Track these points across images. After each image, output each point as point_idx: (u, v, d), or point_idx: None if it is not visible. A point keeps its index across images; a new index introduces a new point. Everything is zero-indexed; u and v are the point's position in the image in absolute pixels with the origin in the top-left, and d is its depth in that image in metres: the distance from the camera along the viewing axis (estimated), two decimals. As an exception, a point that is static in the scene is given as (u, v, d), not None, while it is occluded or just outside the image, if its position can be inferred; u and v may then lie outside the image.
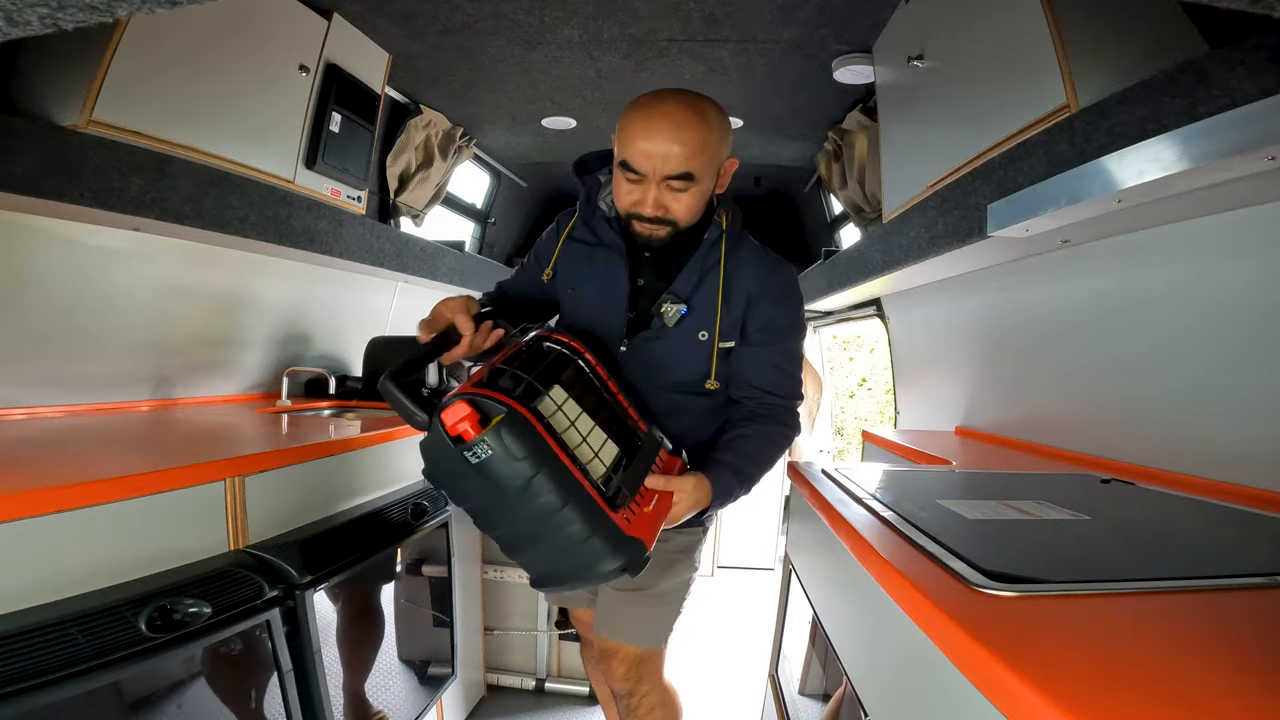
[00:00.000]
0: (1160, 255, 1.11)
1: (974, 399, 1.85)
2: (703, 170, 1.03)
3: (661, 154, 1.00)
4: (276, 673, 1.07)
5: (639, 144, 1.01)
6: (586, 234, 1.21)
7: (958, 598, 0.55)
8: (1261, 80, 0.76)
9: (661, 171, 1.01)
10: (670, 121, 0.99)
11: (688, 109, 1.00)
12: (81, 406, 1.51)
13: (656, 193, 1.03)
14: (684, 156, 1.00)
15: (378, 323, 2.63)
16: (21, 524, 0.80)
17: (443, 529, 1.69)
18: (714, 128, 1.03)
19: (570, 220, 1.25)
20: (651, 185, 1.03)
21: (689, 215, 1.07)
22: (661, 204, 1.04)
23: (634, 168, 1.02)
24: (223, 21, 1.55)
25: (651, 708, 1.32)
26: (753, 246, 1.19)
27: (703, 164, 1.02)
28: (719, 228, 1.15)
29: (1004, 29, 1.30)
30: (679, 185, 1.03)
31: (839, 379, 5.93)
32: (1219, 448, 1.02)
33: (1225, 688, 0.41)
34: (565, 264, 1.24)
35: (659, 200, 1.04)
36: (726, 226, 1.16)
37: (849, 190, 2.57)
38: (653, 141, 1.00)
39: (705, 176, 1.04)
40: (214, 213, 1.49)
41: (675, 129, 0.99)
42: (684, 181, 1.02)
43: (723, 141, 1.05)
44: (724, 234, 1.15)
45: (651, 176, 1.02)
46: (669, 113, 1.00)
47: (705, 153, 1.02)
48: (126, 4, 0.57)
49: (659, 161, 1.00)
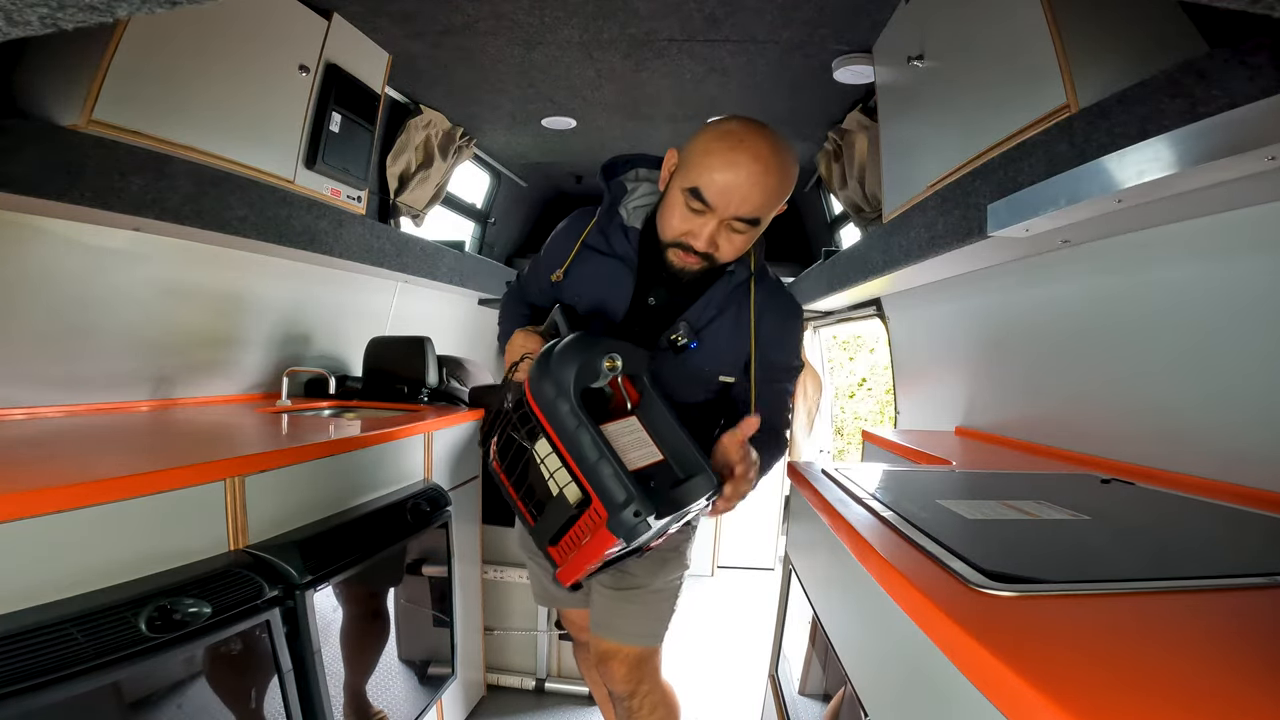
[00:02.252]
0: (1160, 255, 1.11)
1: (974, 399, 1.85)
2: (768, 217, 1.01)
3: (742, 195, 0.95)
4: (276, 673, 1.07)
5: (717, 176, 0.95)
6: (600, 241, 1.16)
7: (958, 598, 0.55)
8: (1261, 80, 0.76)
9: (733, 211, 0.97)
10: (760, 165, 0.94)
11: (776, 154, 0.95)
12: (81, 406, 1.51)
13: (714, 229, 0.99)
14: (760, 202, 0.96)
15: (378, 323, 2.63)
16: (21, 524, 0.80)
17: (443, 529, 1.69)
18: (791, 178, 0.99)
19: (588, 223, 1.20)
20: (713, 220, 0.98)
21: (736, 256, 1.05)
22: (715, 242, 1.00)
23: (705, 199, 0.96)
24: (223, 21, 1.55)
25: (653, 707, 1.32)
26: (772, 284, 1.18)
27: (771, 211, 1.01)
28: (747, 268, 1.13)
29: (1004, 29, 1.30)
30: (741, 228, 0.99)
31: (839, 379, 5.93)
32: (1219, 448, 1.02)
33: (1225, 688, 0.41)
34: (576, 268, 1.19)
35: (713, 238, 1.00)
36: (755, 267, 1.14)
37: (849, 190, 2.57)
38: (736, 179, 0.94)
39: (766, 221, 1.02)
40: (214, 213, 1.49)
41: (763, 173, 0.94)
42: (749, 226, 0.99)
43: (788, 188, 1.01)
44: (752, 275, 1.14)
45: (720, 213, 0.97)
46: (760, 154, 0.94)
47: (777, 200, 0.99)
48: (126, 4, 0.57)
49: (736, 201, 0.96)
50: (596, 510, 0.88)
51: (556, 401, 0.90)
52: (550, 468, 0.93)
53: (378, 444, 1.51)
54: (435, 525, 1.63)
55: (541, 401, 0.92)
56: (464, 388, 2.37)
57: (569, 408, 0.90)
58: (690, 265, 1.05)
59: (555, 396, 0.90)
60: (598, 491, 0.88)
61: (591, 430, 0.89)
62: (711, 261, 1.04)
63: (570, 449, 0.90)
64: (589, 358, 0.93)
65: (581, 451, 0.89)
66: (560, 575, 0.99)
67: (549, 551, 0.99)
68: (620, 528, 0.85)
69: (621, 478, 0.87)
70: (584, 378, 0.92)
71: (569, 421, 0.90)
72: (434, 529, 1.63)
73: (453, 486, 1.86)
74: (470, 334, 3.49)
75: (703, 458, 0.96)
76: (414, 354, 2.15)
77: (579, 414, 0.90)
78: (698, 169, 0.97)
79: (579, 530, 0.92)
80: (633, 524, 0.85)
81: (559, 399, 0.90)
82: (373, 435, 1.50)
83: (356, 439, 1.45)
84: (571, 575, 0.99)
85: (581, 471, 0.89)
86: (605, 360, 0.94)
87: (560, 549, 0.96)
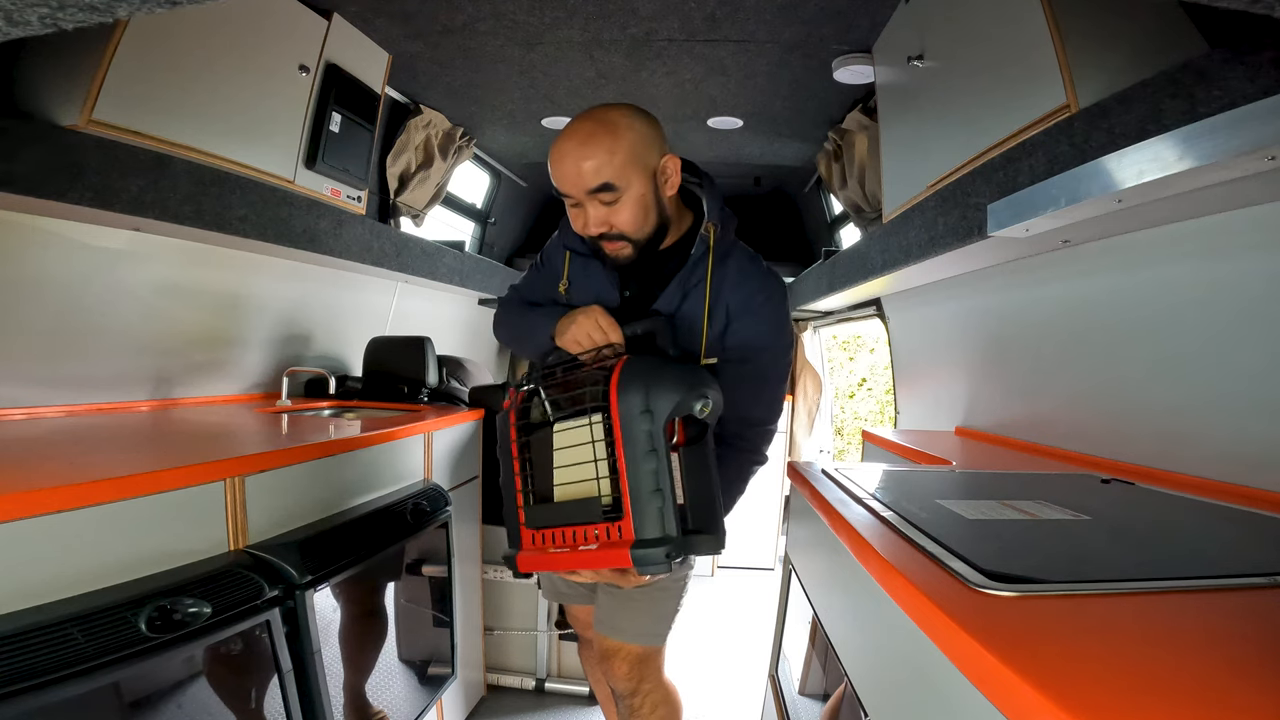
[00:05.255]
0: (1160, 255, 1.11)
1: (974, 399, 1.85)
2: (622, 178, 1.03)
3: (574, 175, 1.03)
4: (276, 673, 1.07)
5: (555, 170, 1.05)
6: (580, 245, 1.21)
7: (958, 598, 0.55)
8: (1261, 80, 0.76)
9: (582, 189, 1.04)
10: (573, 142, 1.03)
11: (590, 123, 1.03)
12: (81, 406, 1.51)
13: (593, 210, 1.06)
14: (594, 170, 1.02)
15: (378, 323, 2.63)
16: (21, 524, 0.80)
17: (443, 529, 1.69)
18: (621, 134, 1.02)
19: (570, 230, 1.22)
20: (584, 205, 1.06)
21: (634, 224, 1.07)
22: (603, 220, 1.06)
23: (563, 192, 1.07)
24: (223, 21, 1.55)
25: (655, 706, 1.32)
26: (741, 258, 1.16)
27: (618, 171, 1.03)
28: (705, 243, 1.13)
29: (1004, 29, 1.30)
30: (607, 198, 1.04)
31: (839, 379, 5.93)
32: (1219, 448, 1.02)
33: (1225, 688, 0.41)
34: (573, 274, 1.24)
35: (599, 218, 1.06)
36: (714, 241, 1.14)
37: (849, 190, 2.57)
38: (564, 164, 1.04)
39: (632, 183, 1.04)
40: (214, 213, 1.49)
41: (579, 147, 1.02)
42: (609, 193, 1.04)
43: (642, 144, 1.04)
44: (710, 249, 1.13)
45: (579, 197, 1.05)
46: (571, 133, 1.04)
47: (617, 160, 1.02)
48: (126, 4, 0.57)
49: (574, 182, 1.04)
50: (622, 528, 0.86)
51: (641, 418, 0.88)
52: (599, 471, 0.90)
53: (377, 444, 1.51)
54: (435, 525, 1.63)
55: (626, 411, 0.89)
56: (464, 388, 2.37)
57: (651, 430, 0.87)
58: (618, 252, 1.10)
59: (641, 413, 0.88)
60: (638, 517, 0.86)
61: (664, 461, 0.87)
62: (628, 239, 1.08)
63: (631, 466, 0.88)
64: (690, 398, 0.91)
65: (640, 475, 0.87)
66: (523, 559, 0.98)
67: (528, 533, 0.97)
68: (643, 560, 0.84)
69: (672, 518, 0.85)
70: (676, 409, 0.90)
71: (643, 443, 0.87)
72: (434, 529, 1.63)
73: (453, 486, 1.86)
74: (470, 334, 3.49)
75: (721, 520, 0.95)
76: (414, 354, 2.15)
77: (658, 441, 0.88)
78: (551, 174, 1.07)
79: (589, 535, 0.90)
80: (657, 562, 0.84)
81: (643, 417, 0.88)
82: (373, 435, 1.50)
83: (356, 439, 1.45)
84: (539, 566, 0.98)
85: (630, 490, 0.87)
86: (699, 402, 0.92)
87: (548, 537, 0.95)
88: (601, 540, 0.89)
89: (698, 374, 0.94)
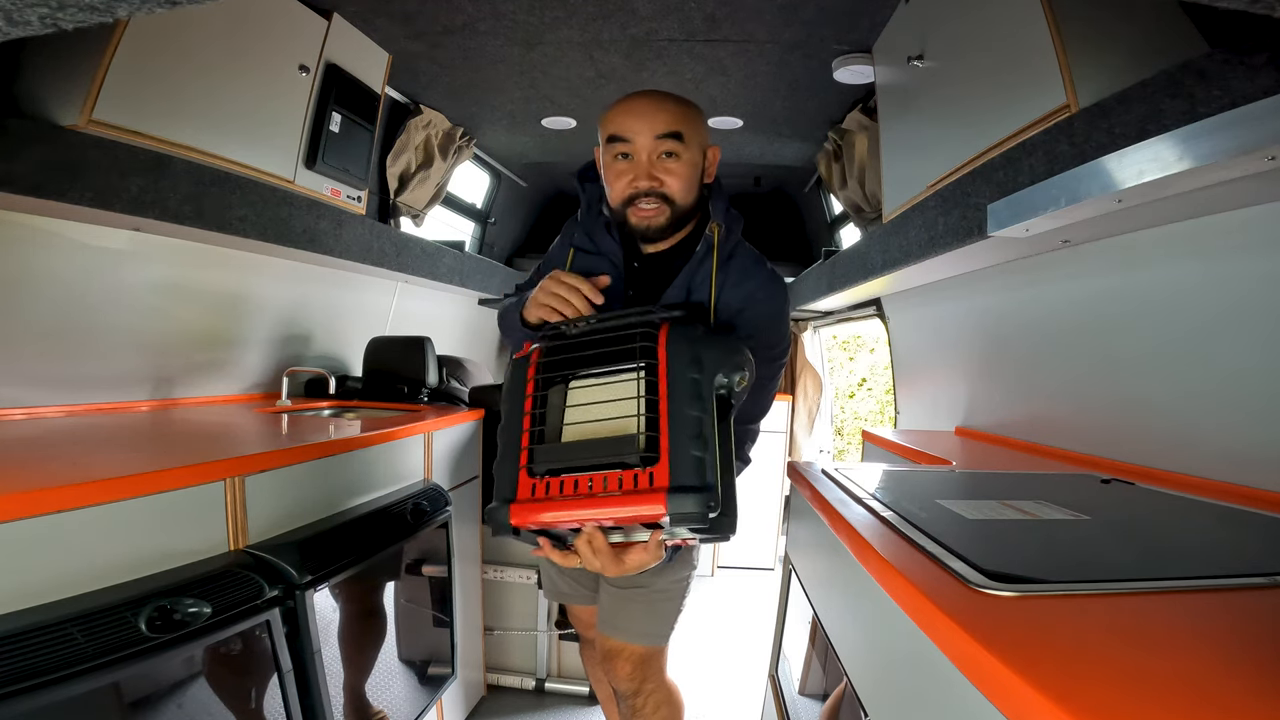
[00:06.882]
0: (1160, 255, 1.11)
1: (974, 399, 1.85)
2: (690, 136, 1.06)
3: (650, 114, 1.04)
4: (276, 673, 1.07)
5: (626, 111, 1.06)
6: (587, 242, 1.21)
7: (957, 598, 0.55)
8: (1261, 80, 0.76)
9: (653, 131, 1.04)
10: (651, 95, 1.07)
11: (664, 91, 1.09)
12: (81, 406, 1.51)
13: (648, 164, 1.06)
14: (671, 118, 1.05)
15: (378, 323, 2.63)
16: (21, 524, 0.80)
17: (443, 529, 1.69)
18: (691, 106, 1.09)
19: (574, 229, 1.24)
20: (643, 154, 1.06)
21: (683, 188, 1.08)
22: (654, 175, 1.06)
23: (622, 135, 1.05)
24: (222, 21, 1.55)
25: (657, 706, 1.32)
26: (745, 259, 1.16)
27: (689, 130, 1.06)
28: (709, 243, 1.13)
29: (1004, 29, 1.30)
30: (671, 147, 1.05)
31: (839, 379, 5.93)
32: (1219, 448, 1.02)
33: (1225, 688, 0.41)
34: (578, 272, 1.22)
35: (651, 171, 1.06)
36: (719, 240, 1.14)
37: (849, 190, 2.57)
38: (639, 104, 1.05)
39: (693, 146, 1.07)
40: (214, 213, 1.49)
41: (658, 97, 1.07)
42: (675, 142, 1.05)
43: (702, 123, 1.11)
44: (714, 249, 1.13)
45: (642, 141, 1.05)
46: (648, 92, 1.08)
47: (689, 119, 1.07)
48: (126, 4, 0.57)
49: (649, 121, 1.04)
50: (654, 475, 0.78)
51: (690, 367, 0.84)
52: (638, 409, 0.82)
53: (377, 444, 1.51)
54: (435, 525, 1.63)
55: (675, 359, 0.85)
56: (464, 388, 2.37)
57: (700, 379, 0.84)
58: (653, 218, 1.09)
59: (690, 362, 0.85)
60: (676, 461, 0.79)
61: (710, 413, 0.82)
62: (671, 204, 1.08)
63: (675, 409, 0.82)
64: (739, 360, 0.87)
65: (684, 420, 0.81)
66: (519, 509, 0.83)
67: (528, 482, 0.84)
68: (680, 507, 0.76)
69: (714, 470, 0.80)
70: (724, 369, 0.86)
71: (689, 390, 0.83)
72: (434, 529, 1.63)
73: (453, 486, 1.86)
74: (470, 334, 3.49)
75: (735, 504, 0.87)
76: (414, 354, 2.15)
77: (706, 391, 0.83)
78: (608, 125, 1.08)
79: (613, 479, 0.80)
80: (695, 509, 0.76)
81: (692, 365, 0.84)
82: (372, 435, 1.50)
83: (356, 439, 1.45)
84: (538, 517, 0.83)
85: (670, 435, 0.80)
86: (739, 372, 0.87)
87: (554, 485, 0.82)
88: (626, 487, 0.79)
89: (740, 345, 0.91)
